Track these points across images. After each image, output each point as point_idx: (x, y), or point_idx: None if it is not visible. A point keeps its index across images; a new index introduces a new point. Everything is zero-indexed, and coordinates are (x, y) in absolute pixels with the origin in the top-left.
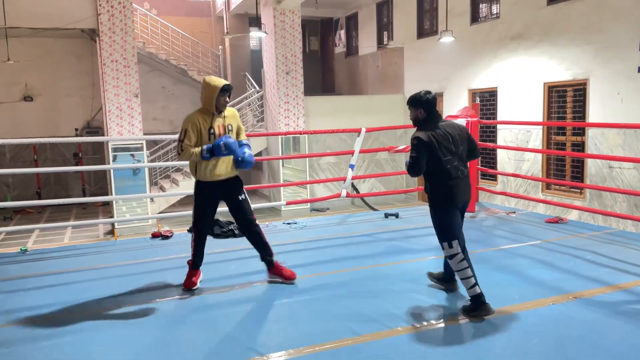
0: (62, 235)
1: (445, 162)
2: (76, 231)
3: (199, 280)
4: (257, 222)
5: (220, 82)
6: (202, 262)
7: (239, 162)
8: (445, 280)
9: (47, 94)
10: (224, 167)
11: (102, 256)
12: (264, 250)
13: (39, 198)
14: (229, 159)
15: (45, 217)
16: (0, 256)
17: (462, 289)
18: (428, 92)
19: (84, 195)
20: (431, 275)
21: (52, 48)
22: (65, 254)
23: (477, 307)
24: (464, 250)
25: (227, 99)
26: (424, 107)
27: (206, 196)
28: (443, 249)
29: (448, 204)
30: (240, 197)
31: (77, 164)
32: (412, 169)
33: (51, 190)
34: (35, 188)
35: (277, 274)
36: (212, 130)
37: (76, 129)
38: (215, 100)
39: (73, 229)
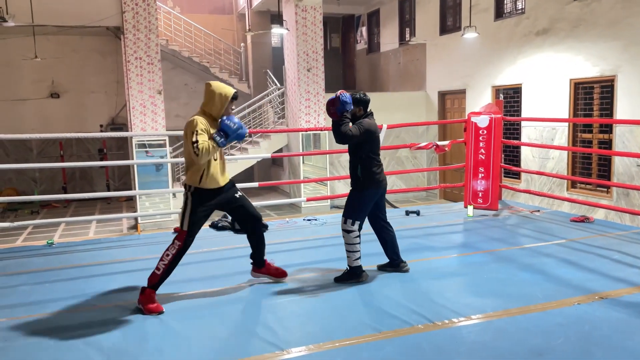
0: (87, 230)
1: (379, 152)
2: (100, 225)
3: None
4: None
5: (230, 90)
6: None
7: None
8: (394, 265)
9: (73, 90)
10: (225, 173)
11: (125, 250)
12: (264, 249)
13: (65, 193)
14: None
15: (71, 211)
16: (28, 249)
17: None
18: (365, 94)
19: (108, 190)
20: (381, 267)
21: (78, 45)
22: (89, 248)
23: (354, 276)
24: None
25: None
26: (364, 105)
27: (206, 206)
28: (345, 222)
29: (376, 189)
30: (239, 194)
31: (101, 160)
32: (344, 135)
33: (76, 185)
34: (61, 183)
35: (266, 272)
36: None
37: (101, 125)
38: (224, 109)
39: (98, 223)
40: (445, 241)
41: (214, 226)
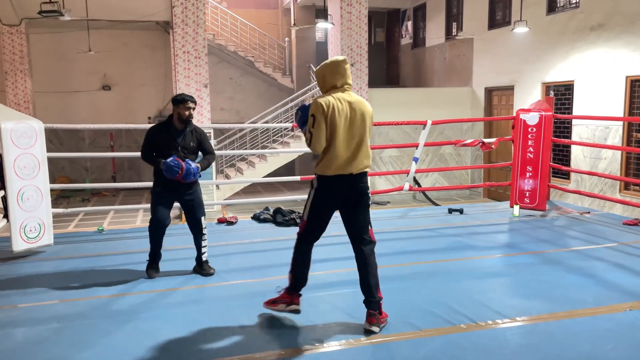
0: (134, 218)
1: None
2: (147, 214)
3: None
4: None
5: None
6: None
7: None
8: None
9: (123, 83)
10: None
11: (170, 239)
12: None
13: (114, 182)
14: None
15: (120, 199)
16: (80, 234)
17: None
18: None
19: None
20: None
21: (129, 40)
22: (137, 235)
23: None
24: None
25: None
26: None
27: None
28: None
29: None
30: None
31: None
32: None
33: (125, 175)
34: (111, 172)
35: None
36: None
37: (149, 117)
38: None
39: (144, 212)
40: (489, 241)
41: (256, 218)
